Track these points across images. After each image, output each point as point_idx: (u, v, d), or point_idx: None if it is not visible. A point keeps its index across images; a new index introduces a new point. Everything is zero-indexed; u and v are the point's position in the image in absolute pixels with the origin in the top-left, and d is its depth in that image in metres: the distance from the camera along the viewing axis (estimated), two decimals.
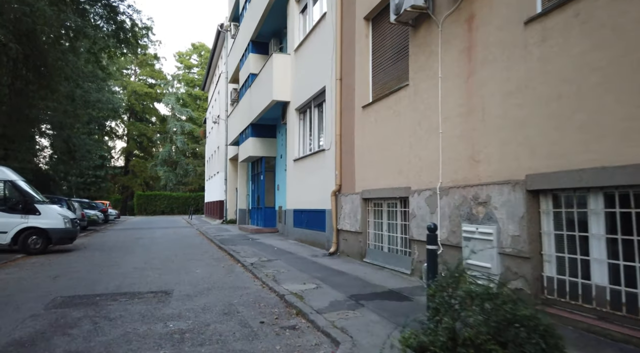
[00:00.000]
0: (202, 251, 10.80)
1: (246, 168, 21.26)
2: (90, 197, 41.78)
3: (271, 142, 16.11)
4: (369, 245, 7.73)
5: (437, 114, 5.61)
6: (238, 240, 12.92)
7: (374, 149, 7.41)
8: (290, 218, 12.30)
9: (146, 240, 14.32)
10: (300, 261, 8.19)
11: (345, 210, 8.51)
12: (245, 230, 16.48)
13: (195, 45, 54.61)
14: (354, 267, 7.25)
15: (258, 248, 10.41)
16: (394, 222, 6.98)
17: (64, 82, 17.53)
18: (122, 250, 11.05)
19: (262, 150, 15.97)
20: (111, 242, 13.76)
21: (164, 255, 9.91)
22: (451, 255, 5.29)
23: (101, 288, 6.13)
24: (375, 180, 7.36)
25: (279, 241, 12.10)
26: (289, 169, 12.63)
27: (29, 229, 10.27)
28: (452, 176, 5.30)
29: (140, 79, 53.02)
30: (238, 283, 6.47)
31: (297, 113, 12.21)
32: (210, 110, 33.53)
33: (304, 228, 11.14)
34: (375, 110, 7.41)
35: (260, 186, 16.48)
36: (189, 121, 50.36)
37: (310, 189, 10.73)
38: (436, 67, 5.65)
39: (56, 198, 16.54)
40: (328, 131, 9.64)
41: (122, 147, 53.20)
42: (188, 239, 14.46)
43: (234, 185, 24.51)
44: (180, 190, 48.98)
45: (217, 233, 16.10)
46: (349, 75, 8.53)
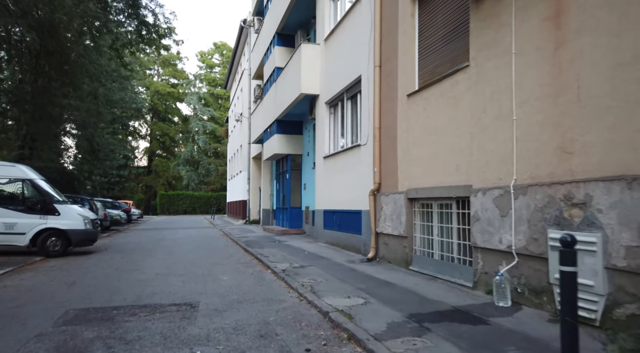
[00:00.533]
0: (227, 254, 10.12)
1: (270, 167, 20.60)
2: (114, 197, 42.06)
3: (297, 139, 15.36)
4: (415, 251, 6.84)
5: (510, 97, 4.69)
6: (264, 242, 12.20)
7: (422, 142, 6.52)
8: (320, 219, 11.49)
9: (168, 241, 13.77)
10: (337, 268, 7.36)
11: (385, 212, 7.64)
12: (270, 231, 15.78)
13: (217, 44, 54.56)
14: (401, 277, 6.38)
15: (287, 252, 9.64)
16: (448, 225, 6.08)
17: (86, 80, 17.24)
18: (143, 253, 10.47)
19: (287, 147, 15.23)
20: (133, 243, 13.26)
21: (187, 259, 9.26)
22: (531, 268, 4.36)
23: (119, 299, 5.46)
24: (424, 177, 6.47)
25: (308, 244, 11.31)
26: (318, 167, 11.83)
27: (48, 230, 9.79)
28: (532, 171, 4.37)
29: (162, 78, 53.32)
30: (271, 294, 5.70)
31: (327, 107, 11.39)
32: (232, 108, 33.12)
33: (336, 230, 10.31)
34: (423, 98, 6.51)
35: (286, 185, 15.75)
36: (210, 120, 50.32)
37: (343, 188, 9.90)
38: (508, 42, 4.73)
39: (78, 198, 16.23)
40: (364, 125, 8.78)
41: (145, 147, 53.66)
42: (212, 241, 13.84)
43: (257, 185, 23.90)
44: (202, 189, 48.95)
45: (242, 234, 15.45)
46: (390, 61, 7.65)
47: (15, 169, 9.95)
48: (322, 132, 11.57)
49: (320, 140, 11.66)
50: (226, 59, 52.59)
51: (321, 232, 11.40)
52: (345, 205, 9.72)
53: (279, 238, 13.33)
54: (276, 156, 16.16)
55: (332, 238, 10.60)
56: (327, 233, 10.97)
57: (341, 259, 8.39)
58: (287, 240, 12.64)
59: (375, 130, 8.00)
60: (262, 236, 14.42)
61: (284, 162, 16.41)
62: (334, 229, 10.49)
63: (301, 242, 11.77)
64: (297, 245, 10.98)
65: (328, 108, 11.38)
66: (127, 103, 26.10)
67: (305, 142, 15.03)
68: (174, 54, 52.84)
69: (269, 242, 12.08)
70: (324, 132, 11.42)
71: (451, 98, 5.81)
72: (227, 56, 51.36)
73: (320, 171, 11.62)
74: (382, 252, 7.82)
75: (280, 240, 12.68)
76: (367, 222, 8.39)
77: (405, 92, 7.06)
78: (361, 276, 6.54)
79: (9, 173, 9.82)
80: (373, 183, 8.11)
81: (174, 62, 53.26)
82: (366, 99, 8.66)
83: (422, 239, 6.72)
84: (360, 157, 8.94)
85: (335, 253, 9.23)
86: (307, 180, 14.76)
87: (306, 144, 14.93)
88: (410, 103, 6.91)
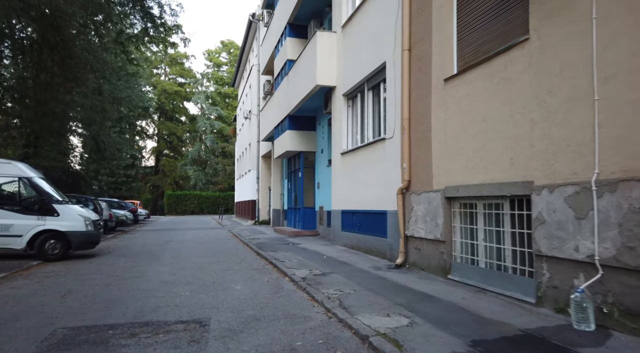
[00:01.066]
0: (238, 258, 9.33)
1: (280, 165, 19.82)
2: (122, 197, 41.60)
3: (310, 136, 14.55)
4: (455, 257, 5.99)
5: (589, 73, 3.83)
6: (277, 244, 11.41)
7: (464, 133, 5.68)
8: (337, 220, 10.67)
9: (176, 243, 13.04)
10: (364, 276, 6.54)
11: (417, 212, 6.80)
12: (282, 232, 14.99)
13: (225, 42, 53.97)
14: (441, 288, 5.53)
15: (304, 256, 8.83)
16: (499, 229, 5.22)
17: (90, 75, 16.58)
18: (148, 257, 9.73)
19: (300, 144, 14.42)
20: (138, 245, 12.54)
21: (195, 264, 8.49)
22: (624, 284, 3.50)
23: (118, 314, 4.69)
24: (466, 173, 5.62)
25: (325, 247, 10.48)
26: (335, 164, 11.01)
27: (47, 232, 9.08)
28: (624, 163, 3.51)
29: (170, 78, 52.85)
30: (293, 308, 4.89)
31: (345, 99, 10.56)
32: (240, 106, 32.43)
33: (357, 232, 9.49)
34: (466, 82, 5.67)
35: (298, 184, 14.95)
36: (218, 120, 49.74)
37: (364, 187, 9.07)
38: (586, 5, 3.87)
39: (82, 198, 15.57)
40: (390, 116, 7.94)
41: (153, 147, 53.22)
42: (221, 243, 13.08)
43: (267, 184, 23.15)
44: (210, 189, 48.37)
45: (252, 235, 14.68)
46: (421, 43, 6.81)
47: (12, 166, 9.26)
48: (339, 127, 10.75)
49: (338, 136, 10.84)
50: (234, 57, 51.99)
51: (339, 234, 10.57)
52: (367, 205, 8.89)
53: (292, 240, 12.53)
54: (288, 154, 15.37)
55: (351, 241, 9.77)
56: (345, 235, 10.15)
57: (365, 265, 7.56)
58: (301, 242, 11.83)
59: (403, 121, 7.15)
60: (273, 238, 13.63)
61: (295, 160, 15.62)
62: (353, 231, 9.66)
63: (317, 245, 10.95)
64: (313, 249, 10.17)
65: (346, 100, 10.55)
66: (134, 101, 25.41)
67: (319, 139, 14.22)
68: (181, 53, 52.35)
69: (282, 245, 11.29)
70: (341, 126, 10.60)
71: (504, 79, 4.96)
72: (235, 54, 50.75)
73: (338, 168, 10.80)
74: (413, 258, 6.97)
75: (294, 242, 11.88)
76: (394, 224, 7.55)
77: (441, 77, 6.22)
78: (394, 287, 5.70)
79: (5, 171, 9.12)
80: (401, 180, 7.27)
81: (181, 61, 52.76)
82: (392, 87, 7.82)
83: (464, 244, 5.87)
84: (385, 152, 8.10)
85: (358, 258, 8.39)
86: (321, 178, 13.95)
87: (320, 141, 14.12)
88: (448, 89, 6.06)
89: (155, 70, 52.03)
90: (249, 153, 26.87)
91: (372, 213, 8.66)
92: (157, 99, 49.66)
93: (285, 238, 13.34)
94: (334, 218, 10.94)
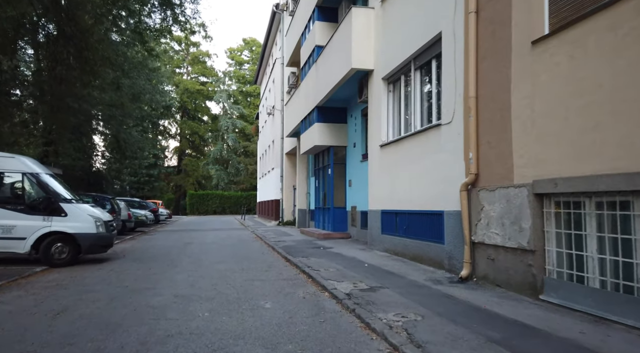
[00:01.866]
0: (265, 264, 8.15)
1: (306, 162, 18.64)
2: (144, 197, 41.36)
3: (341, 129, 13.28)
4: (549, 272, 4.61)
5: None
6: (307, 248, 10.20)
7: (564, 108, 4.30)
8: (376, 222, 9.37)
9: (196, 245, 12.00)
10: (424, 293, 5.22)
11: (490, 213, 5.44)
12: (310, 234, 13.77)
13: (247, 40, 53.33)
14: (539, 315, 4.16)
15: (341, 264, 7.58)
16: (627, 236, 3.82)
17: (108, 68, 15.80)
18: (165, 262, 8.67)
19: (330, 138, 13.18)
20: (156, 248, 11.54)
21: (216, 271, 7.36)
22: None
23: (114, 348, 3.54)
24: (568, 162, 4.25)
25: (362, 252, 9.20)
26: (372, 159, 9.71)
27: (53, 234, 8.13)
28: None
29: (192, 77, 52.55)
30: (345, 342, 3.63)
31: (385, 84, 9.25)
32: (263, 103, 31.46)
33: (401, 236, 8.16)
34: (568, 42, 4.28)
35: (327, 182, 13.71)
36: (240, 118, 49.08)
37: (412, 183, 7.75)
38: None
39: (99, 197, 14.76)
40: (447, 97, 6.59)
41: (175, 147, 53.03)
42: (245, 245, 11.96)
43: (291, 183, 22.03)
44: (232, 189, 47.72)
45: (277, 237, 13.53)
46: (494, 1, 5.45)
47: (15, 160, 8.35)
48: (377, 116, 9.45)
49: (375, 126, 9.54)
50: (255, 55, 51.28)
51: (377, 238, 9.27)
52: (416, 204, 7.56)
53: (322, 243, 11.29)
54: (316, 149, 14.14)
55: (394, 246, 8.46)
56: (386, 239, 8.84)
57: (420, 277, 6.24)
58: (333, 246, 10.58)
59: (468, 100, 5.80)
60: (301, 240, 12.43)
61: (324, 155, 14.38)
62: (398, 235, 8.34)
63: (352, 250, 9.68)
64: (349, 254, 8.90)
65: (386, 85, 9.24)
66: (155, 98, 24.71)
67: (351, 132, 12.94)
68: (203, 51, 52.02)
69: (313, 249, 10.07)
70: (380, 115, 9.29)
71: (631, 36, 3.57)
72: (257, 52, 50.01)
73: (375, 163, 9.50)
74: (484, 270, 5.61)
75: (325, 246, 10.64)
76: (455, 227, 6.20)
77: (526, 40, 4.85)
78: (472, 311, 4.37)
79: (7, 165, 8.21)
80: (466, 174, 5.92)
81: (202, 60, 52.39)
82: (450, 62, 6.47)
83: (563, 255, 4.48)
84: (441, 141, 6.75)
85: (406, 268, 7.07)
86: (353, 175, 12.67)
87: (352, 134, 12.83)
88: (537, 54, 4.69)
89: (178, 69, 51.84)
90: (272, 151, 25.83)
91: (423, 213, 7.33)
92: (180, 98, 49.40)
93: (315, 241, 12.11)
94: (372, 220, 9.64)
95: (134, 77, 21.14)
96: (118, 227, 14.89)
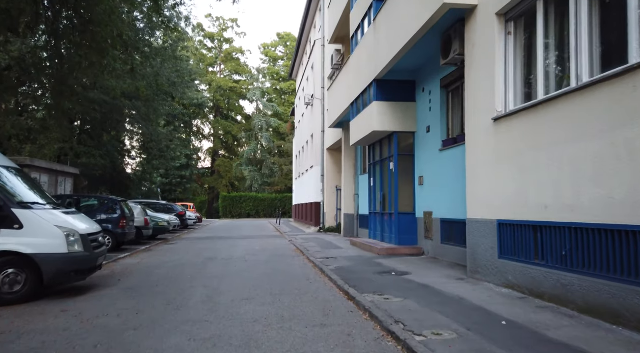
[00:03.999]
0: (316, 306, 5.05)
1: (354, 157, 15.50)
2: (176, 199, 39.60)
3: (407, 109, 10.05)
4: None
5: None
6: (371, 273, 7.06)
7: None
8: (487, 238, 6.05)
9: (219, 263, 9.10)
10: None
11: None
12: (365, 247, 10.60)
13: (281, 34, 50.92)
14: None
15: (453, 317, 4.34)
16: None
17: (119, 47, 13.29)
18: (167, 296, 5.77)
19: (393, 121, 9.98)
20: (167, 266, 8.73)
21: (239, 322, 4.35)
22: None
23: None
24: None
25: (467, 286, 5.90)
26: (477, 141, 6.42)
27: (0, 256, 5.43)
28: None
29: (225, 75, 50.69)
30: None
31: (502, 23, 5.94)
32: (300, 95, 28.62)
33: (553, 268, 4.81)
34: None
35: (389, 181, 10.51)
36: (274, 117, 46.60)
37: (577, 176, 4.43)
38: None
39: (107, 200, 12.27)
40: None
41: (209, 148, 51.31)
42: (282, 264, 8.93)
43: (334, 183, 18.98)
44: (266, 191, 45.24)
45: (323, 251, 10.47)
46: None
47: None
48: (486, 76, 6.17)
49: (483, 92, 6.26)
50: (290, 50, 48.75)
51: (491, 264, 5.95)
52: (591, 213, 4.23)
53: (389, 264, 8.09)
54: (372, 137, 10.96)
55: (531, 282, 5.12)
56: (510, 268, 5.52)
57: None
58: (410, 270, 7.35)
59: None
60: (356, 257, 9.30)
61: (382, 146, 11.19)
62: (541, 264, 5.01)
63: (444, 280, 6.42)
64: (447, 290, 5.65)
65: (503, 24, 5.94)
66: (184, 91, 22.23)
67: (422, 112, 9.68)
68: (236, 47, 50.07)
69: (381, 275, 6.91)
70: (493, 72, 6.00)
71: None
72: (292, 47, 47.45)
73: (484, 148, 6.21)
74: None
75: (396, 269, 7.44)
76: None
77: None
78: None
79: None
80: None
81: (236, 57, 50.41)
82: None
83: None
84: None
85: (592, 333, 3.76)
86: (426, 170, 9.41)
87: (424, 115, 9.58)
88: None
89: (211, 68, 50.13)
90: (311, 147, 22.88)
91: (613, 230, 4.00)
92: (212, 96, 47.61)
93: (376, 259, 8.93)
94: (476, 235, 6.33)
95: (157, 66, 18.79)
96: (131, 236, 12.38)
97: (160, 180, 38.61)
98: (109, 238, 11.42)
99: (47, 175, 15.63)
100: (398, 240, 9.86)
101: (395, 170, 10.01)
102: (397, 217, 9.89)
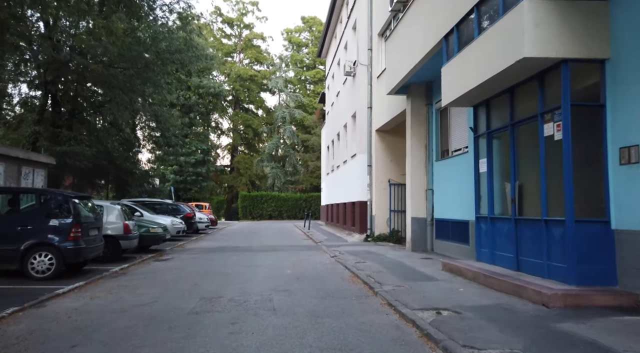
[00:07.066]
0: None
1: (426, 134, 10.63)
2: (191, 199, 35.45)
3: (591, 15, 5.13)
4: None
5: None
6: None
7: None
8: None
9: (221, 321, 4.36)
10: None
11: None
12: (497, 286, 5.72)
13: (306, 18, 46.30)
14: None
15: None
16: None
17: None
18: None
19: (563, 39, 5.08)
20: (125, 318, 4.07)
21: None
22: None
23: None
24: None
25: None
26: None
27: None
28: None
29: (245, 64, 46.42)
30: None
31: None
32: (333, 72, 23.82)
33: None
34: None
35: (545, 158, 5.62)
36: (298, 108, 42.00)
37: None
38: None
39: (50, 195, 7.81)
40: None
41: (228, 144, 47.08)
42: (348, 325, 4.13)
43: (386, 176, 14.19)
44: (290, 190, 40.62)
45: (405, 284, 5.65)
46: None
47: None
48: None
49: None
50: (316, 36, 44.08)
51: None
52: None
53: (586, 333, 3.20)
54: (506, 77, 6.06)
55: None
56: None
57: None
58: None
59: None
60: (493, 309, 4.43)
61: (521, 95, 6.30)
62: None
63: None
64: None
65: None
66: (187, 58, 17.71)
67: (626, 22, 4.76)
68: (257, 33, 45.75)
69: None
70: None
71: None
72: (318, 32, 42.77)
73: None
74: None
75: None
76: None
77: None
78: None
79: None
80: None
81: (256, 44, 46.08)
82: None
83: None
84: None
85: None
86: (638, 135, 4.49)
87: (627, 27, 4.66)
88: None
89: (229, 58, 45.97)
90: (351, 131, 18.10)
91: None
92: (232, 87, 43.41)
93: (548, 321, 4.05)
94: None
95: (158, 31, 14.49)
96: (94, 252, 7.89)
97: (174, 177, 34.55)
98: (51, 258, 7.03)
99: (2, 164, 11.39)
100: (576, 274, 4.94)
101: (566, 137, 5.09)
102: (573, 228, 4.97)
